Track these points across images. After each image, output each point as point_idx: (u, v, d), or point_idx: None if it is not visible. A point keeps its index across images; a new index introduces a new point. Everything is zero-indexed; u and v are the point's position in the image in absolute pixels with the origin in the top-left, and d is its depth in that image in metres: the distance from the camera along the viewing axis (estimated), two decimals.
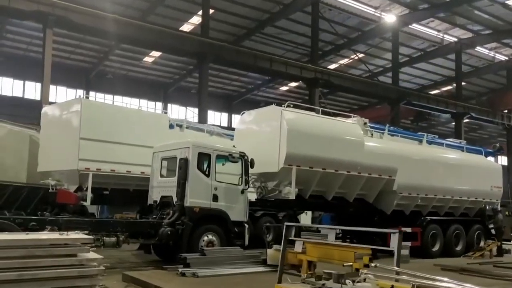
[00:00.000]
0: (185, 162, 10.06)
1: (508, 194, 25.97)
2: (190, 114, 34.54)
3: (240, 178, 10.92)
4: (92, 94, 30.37)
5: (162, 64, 33.55)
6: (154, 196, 11.09)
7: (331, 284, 4.59)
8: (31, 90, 31.79)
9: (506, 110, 36.60)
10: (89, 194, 11.38)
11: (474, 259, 13.33)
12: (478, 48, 33.79)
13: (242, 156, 10.83)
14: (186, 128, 13.88)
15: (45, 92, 18.15)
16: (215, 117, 40.01)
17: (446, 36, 32.42)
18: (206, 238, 10.16)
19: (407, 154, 13.56)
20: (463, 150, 15.81)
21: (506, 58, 35.64)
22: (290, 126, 11.09)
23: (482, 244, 14.65)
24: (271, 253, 9.40)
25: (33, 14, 17.29)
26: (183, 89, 37.20)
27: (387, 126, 14.32)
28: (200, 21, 26.66)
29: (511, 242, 16.27)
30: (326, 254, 5.71)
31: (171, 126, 13.33)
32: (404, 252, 11.01)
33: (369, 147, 12.56)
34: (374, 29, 30.04)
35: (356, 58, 33.06)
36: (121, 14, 20.71)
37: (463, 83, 36.20)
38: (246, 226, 10.88)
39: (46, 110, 12.90)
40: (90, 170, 11.34)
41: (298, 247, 6.07)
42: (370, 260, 5.08)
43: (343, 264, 4.89)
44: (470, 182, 14.71)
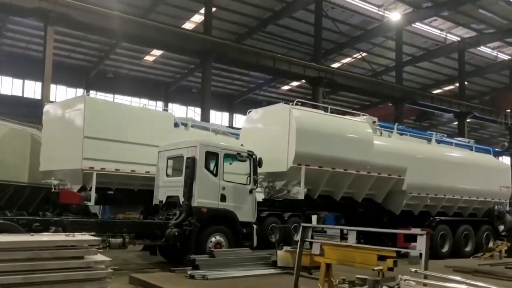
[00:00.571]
0: (192, 161, 9.80)
1: None
2: (191, 113, 34.31)
3: (248, 178, 10.66)
4: (92, 93, 30.08)
5: (163, 63, 33.29)
6: (160, 196, 10.81)
7: None
8: (31, 89, 31.51)
9: (509, 110, 36.42)
10: (93, 194, 11.12)
11: (483, 260, 13.09)
12: (481, 47, 33.61)
13: (250, 155, 10.56)
14: (191, 126, 13.63)
15: (46, 90, 17.89)
16: (216, 116, 39.74)
17: (449, 35, 32.25)
18: (213, 239, 9.89)
19: (417, 153, 13.32)
20: (472, 150, 15.59)
21: (509, 57, 35.48)
22: (299, 125, 10.84)
23: (491, 244, 14.43)
24: (281, 254, 9.17)
25: (34, 11, 17.02)
26: (184, 88, 36.94)
27: (396, 124, 14.09)
28: (201, 19, 26.45)
29: None
30: (346, 257, 5.46)
31: (176, 125, 13.08)
32: (413, 253, 10.77)
33: (378, 146, 12.32)
34: (377, 27, 29.84)
35: (359, 57, 32.85)
36: (122, 12, 20.44)
37: (465, 83, 36.02)
38: (255, 227, 10.61)
39: (48, 108, 12.62)
40: (94, 170, 11.08)
41: (315, 249, 5.81)
42: (394, 263, 4.83)
43: (373, 268, 4.63)
44: (479, 182, 14.48)
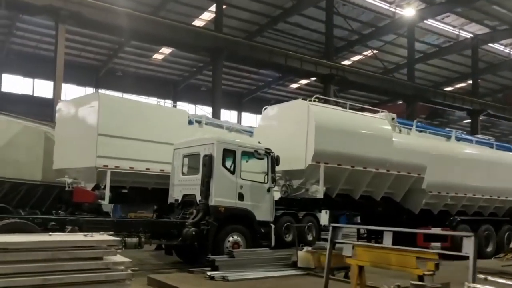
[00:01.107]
0: (209, 159, 9.55)
1: None
2: (199, 112, 34.08)
3: (265, 176, 10.39)
4: (101, 92, 29.96)
5: (172, 61, 33.14)
6: (175, 194, 10.57)
7: None
8: (41, 88, 31.47)
9: None
10: (107, 193, 10.91)
11: (506, 261, 12.73)
12: (493, 44, 33.08)
13: (268, 152, 10.29)
14: (205, 124, 13.40)
15: (57, 89, 17.75)
16: (225, 115, 39.50)
17: (461, 31, 31.77)
18: (231, 239, 9.63)
19: (436, 151, 12.96)
20: (492, 147, 15.19)
21: None
22: (318, 121, 10.55)
23: None
24: (302, 255, 8.90)
25: (45, 9, 16.88)
26: (193, 86, 36.79)
27: (415, 121, 13.75)
28: (211, 17, 26.27)
29: None
30: (380, 259, 5.18)
31: (190, 122, 12.86)
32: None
33: (397, 144, 11.99)
34: (388, 24, 29.47)
35: (370, 54, 32.49)
36: (132, 10, 20.27)
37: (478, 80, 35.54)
38: (272, 226, 10.36)
39: (61, 106, 12.42)
40: (108, 168, 10.87)
41: (347, 251, 5.53)
42: (436, 266, 4.54)
43: (424, 272, 4.34)
44: (501, 180, 14.09)
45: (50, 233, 7.07)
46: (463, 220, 13.37)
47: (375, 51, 32.01)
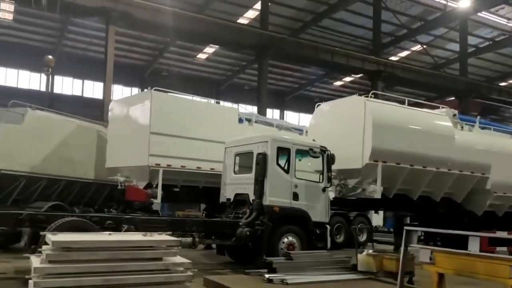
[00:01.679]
0: (263, 158, 9.26)
1: None
2: (242, 111, 34.01)
3: (320, 175, 10.00)
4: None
5: (215, 60, 33.24)
6: (227, 193, 10.36)
7: None
8: (90, 89, 32.39)
9: None
10: (159, 191, 10.88)
11: None
12: None
13: (323, 150, 9.90)
14: (255, 122, 13.16)
15: (107, 89, 18.05)
16: (268, 113, 39.24)
17: None
18: (286, 240, 9.30)
19: (502, 149, 12.16)
20: None
21: None
22: (375, 118, 10.08)
23: None
24: (363, 258, 8.45)
25: (97, 11, 17.19)
26: (236, 85, 36.79)
27: (478, 118, 12.96)
28: (254, 15, 26.07)
29: None
30: (465, 267, 4.71)
31: (240, 120, 12.66)
32: None
33: (459, 141, 11.32)
34: (439, 18, 28.23)
35: (418, 49, 31.32)
36: (179, 9, 20.36)
37: None
38: (328, 227, 9.96)
39: (114, 105, 12.52)
40: (160, 166, 10.83)
41: (424, 257, 5.08)
42: None
43: None
44: None
45: (110, 232, 7.06)
46: None
47: (424, 46, 30.76)
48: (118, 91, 32.39)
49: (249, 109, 28.54)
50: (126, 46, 29.52)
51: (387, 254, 8.18)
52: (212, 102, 12.52)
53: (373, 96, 10.85)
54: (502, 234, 11.42)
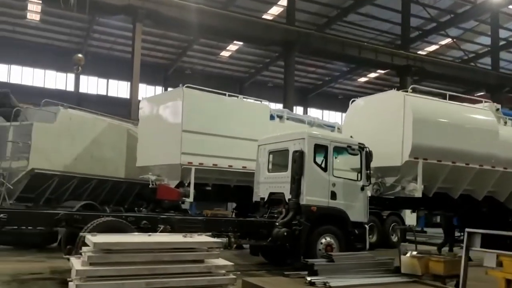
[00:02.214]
0: (300, 155, 8.95)
1: None
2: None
3: (358, 173, 9.64)
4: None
5: (239, 58, 33.04)
6: (261, 192, 10.08)
7: None
8: (114, 88, 32.58)
9: None
10: (191, 190, 10.67)
11: None
12: None
13: (362, 147, 9.53)
14: (287, 119, 12.86)
15: (134, 88, 18.02)
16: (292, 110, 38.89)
17: None
18: (324, 241, 8.99)
19: None
20: None
21: None
22: (415, 113, 9.66)
23: None
24: (406, 260, 8.03)
25: (124, 9, 17.16)
26: (259, 83, 36.50)
27: None
28: (279, 11, 25.73)
29: None
30: None
31: (272, 117, 12.38)
32: None
33: (503, 137, 10.82)
34: (469, 10, 27.31)
35: (445, 43, 30.46)
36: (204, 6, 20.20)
37: None
38: (367, 227, 9.60)
39: (144, 103, 12.37)
40: (192, 165, 10.60)
41: (489, 261, 4.70)
42: None
43: None
44: None
45: (149, 233, 6.87)
46: None
47: (453, 40, 29.89)
48: (142, 90, 32.44)
49: (272, 106, 28.26)
50: (150, 45, 29.54)
51: (434, 255, 7.78)
52: (243, 98, 12.19)
53: (411, 90, 10.41)
54: None
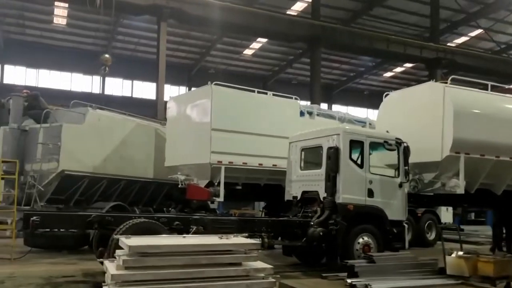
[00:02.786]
0: (335, 152, 8.59)
1: None
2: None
3: (396, 170, 9.22)
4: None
5: (262, 56, 32.78)
6: (293, 191, 9.77)
7: None
8: (139, 89, 32.76)
9: None
10: (222, 190, 10.44)
11: None
12: None
13: (399, 143, 9.11)
14: (317, 115, 12.50)
15: (160, 88, 17.96)
16: None
17: None
18: (361, 240, 8.61)
19: None
20: None
21: None
22: (456, 106, 9.19)
23: None
24: (452, 261, 7.63)
25: (149, 8, 17.11)
26: (283, 80, 36.15)
27: None
28: (302, 7, 25.34)
29: None
30: None
31: (302, 113, 12.04)
32: None
33: None
34: (500, 0, 26.31)
35: (475, 35, 29.44)
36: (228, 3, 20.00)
37: None
38: (406, 226, 9.17)
39: (172, 102, 12.20)
40: (222, 164, 10.37)
41: None
42: None
43: None
44: None
45: (185, 235, 6.65)
46: None
47: (482, 31, 28.87)
48: (166, 90, 32.48)
49: None
50: (173, 45, 29.51)
51: (483, 256, 7.33)
52: (272, 95, 11.89)
53: (451, 82, 9.92)
54: None
